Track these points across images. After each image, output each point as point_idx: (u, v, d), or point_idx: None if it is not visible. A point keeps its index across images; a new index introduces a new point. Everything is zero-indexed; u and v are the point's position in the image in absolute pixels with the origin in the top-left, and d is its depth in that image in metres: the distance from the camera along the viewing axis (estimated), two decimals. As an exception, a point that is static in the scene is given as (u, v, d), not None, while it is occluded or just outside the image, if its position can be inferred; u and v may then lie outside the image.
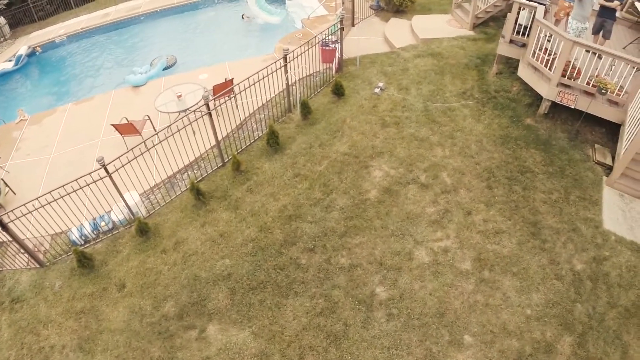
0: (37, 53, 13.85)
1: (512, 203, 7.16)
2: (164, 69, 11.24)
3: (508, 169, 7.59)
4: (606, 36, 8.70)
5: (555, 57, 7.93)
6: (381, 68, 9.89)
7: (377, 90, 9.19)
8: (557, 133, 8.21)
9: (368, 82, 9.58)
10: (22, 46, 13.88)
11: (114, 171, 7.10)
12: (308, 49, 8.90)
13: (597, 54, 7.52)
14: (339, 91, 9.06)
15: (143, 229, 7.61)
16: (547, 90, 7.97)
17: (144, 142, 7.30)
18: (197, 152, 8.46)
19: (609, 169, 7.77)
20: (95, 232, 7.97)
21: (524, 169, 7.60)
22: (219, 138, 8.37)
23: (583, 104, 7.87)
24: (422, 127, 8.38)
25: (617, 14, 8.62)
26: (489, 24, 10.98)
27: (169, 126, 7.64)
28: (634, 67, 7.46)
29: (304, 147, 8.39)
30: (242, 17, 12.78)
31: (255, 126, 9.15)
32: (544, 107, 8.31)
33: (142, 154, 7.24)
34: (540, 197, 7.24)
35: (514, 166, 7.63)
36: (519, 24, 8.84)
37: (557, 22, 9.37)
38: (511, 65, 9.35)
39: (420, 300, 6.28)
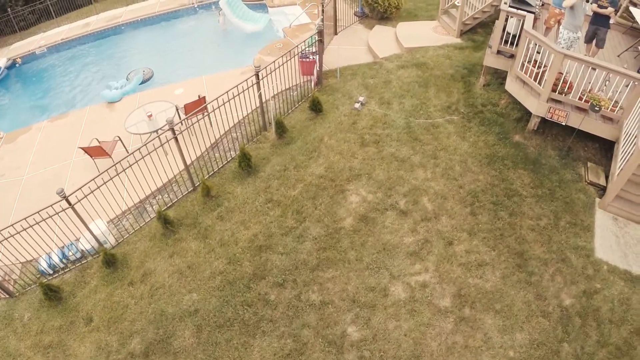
0: (17, 65, 13.43)
1: (497, 231, 6.63)
2: (140, 83, 10.77)
3: (494, 192, 7.05)
4: (599, 45, 8.08)
5: (545, 70, 7.35)
6: (363, 80, 9.34)
7: (357, 105, 8.65)
8: (548, 150, 7.63)
9: (348, 96, 9.03)
10: (1, 58, 13.48)
11: (77, 202, 6.68)
12: (284, 63, 8.36)
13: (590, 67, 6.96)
14: (316, 107, 8.54)
15: (109, 261, 7.20)
16: (537, 106, 7.38)
17: (114, 165, 6.87)
18: (169, 174, 8.01)
19: (602, 190, 7.20)
20: (63, 262, 7.58)
21: (511, 192, 7.05)
22: (189, 162, 7.92)
23: (575, 121, 7.29)
24: (403, 146, 7.84)
25: (611, 20, 7.99)
26: (477, 31, 10.34)
27: (140, 148, 7.19)
28: (629, 81, 6.91)
29: (278, 169, 7.90)
30: (219, 15, 12.23)
31: (229, 145, 8.66)
32: (533, 123, 7.73)
33: (110, 179, 6.79)
34: (527, 223, 6.69)
35: (501, 189, 7.08)
36: (507, 32, 8.25)
37: (547, 30, 8.75)
38: (500, 75, 8.75)
39: (394, 341, 5.79)
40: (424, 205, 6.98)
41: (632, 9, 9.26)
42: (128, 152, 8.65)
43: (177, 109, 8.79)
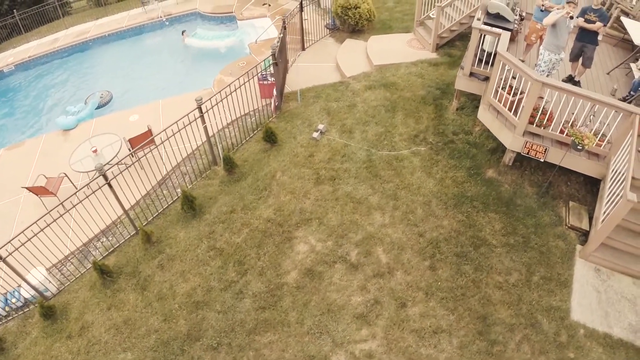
0: (-14, 85, 12.99)
1: (459, 290, 5.79)
2: (97, 108, 10.13)
3: (458, 241, 6.19)
4: (586, 64, 7.07)
5: (523, 98, 6.40)
6: (325, 104, 8.49)
7: (316, 134, 7.83)
8: (524, 188, 6.71)
9: (309, 122, 8.21)
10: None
11: (8, 255, 6.11)
12: (236, 89, 7.59)
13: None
14: (270, 138, 7.76)
15: (47, 313, 6.63)
16: (511, 140, 6.46)
17: (56, 207, 6.25)
18: (112, 216, 7.37)
19: (584, 235, 6.28)
20: (6, 310, 7.08)
21: (479, 241, 6.18)
22: (133, 201, 7.31)
23: (555, 157, 6.35)
24: (361, 184, 7.02)
25: (600, 37, 6.95)
26: (455, 44, 9.36)
27: (87, 184, 6.62)
28: (619, 113, 5.93)
29: (225, 211, 7.17)
30: (182, 35, 11.50)
31: (179, 181, 7.97)
32: (508, 158, 6.80)
33: (47, 225, 6.17)
34: (494, 280, 5.83)
35: (467, 238, 6.21)
36: (483, 49, 7.29)
37: (528, 47, 7.75)
38: (475, 97, 7.80)
39: None
40: (377, 257, 6.17)
41: (623, 19, 8.17)
42: (76, 189, 8.10)
43: (123, 143, 8.14)
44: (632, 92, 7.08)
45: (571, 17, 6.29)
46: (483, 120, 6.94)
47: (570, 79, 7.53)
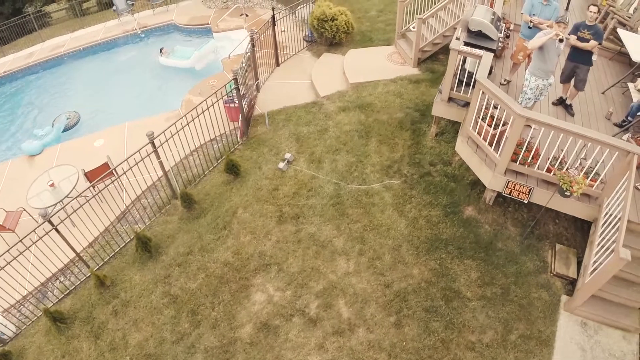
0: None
1: (426, 351, 5.16)
2: (64, 130, 9.65)
3: (429, 294, 5.54)
4: (579, 87, 6.30)
5: (505, 131, 5.68)
6: (295, 129, 7.85)
7: (282, 164, 7.20)
8: (507, 228, 6.02)
9: (276, 150, 7.59)
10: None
11: None
12: (195, 118, 6.97)
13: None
14: (232, 170, 7.16)
15: None
16: (491, 179, 5.75)
17: (15, 245, 5.75)
18: (69, 254, 6.90)
19: (571, 283, 5.59)
20: None
21: (452, 293, 5.53)
22: (90, 238, 6.83)
23: (541, 198, 5.65)
24: (326, 224, 6.39)
25: (594, 56, 6.15)
26: (438, 57, 8.59)
27: (47, 220, 6.05)
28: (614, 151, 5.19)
29: (182, 252, 6.62)
30: (161, 52, 10.94)
31: (139, 215, 7.45)
32: (488, 197, 6.11)
33: (1, 269, 5.77)
34: (466, 340, 5.18)
35: (438, 290, 5.56)
36: (464, 68, 6.55)
37: (515, 66, 6.99)
38: (456, 122, 7.08)
39: None
40: (339, 311, 5.56)
41: (619, 30, 7.31)
42: (37, 223, 7.66)
43: (81, 175, 7.64)
44: (629, 118, 6.31)
45: (561, 40, 5.51)
46: (461, 154, 6.24)
47: (561, 102, 6.76)
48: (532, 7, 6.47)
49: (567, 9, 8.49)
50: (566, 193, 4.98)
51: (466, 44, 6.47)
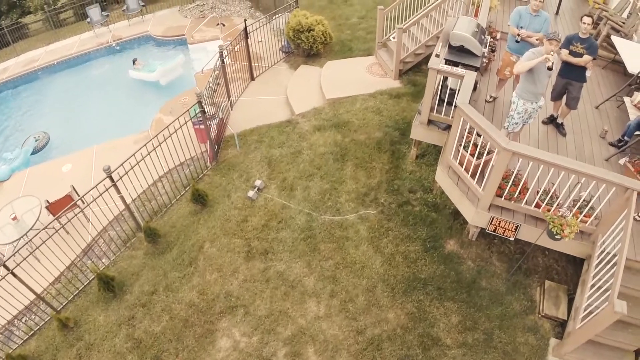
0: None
1: (401, 410, 4.63)
2: (33, 153, 9.07)
3: (405, 341, 4.95)
4: (571, 105, 5.65)
5: (490, 161, 5.04)
6: (267, 151, 7.23)
7: (252, 193, 6.61)
8: (491, 264, 5.42)
9: (246, 176, 6.98)
10: None
11: None
12: (148, 154, 6.34)
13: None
14: (199, 200, 6.59)
15: None
16: (474, 215, 5.10)
17: None
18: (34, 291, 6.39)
19: (560, 325, 5.00)
20: None
21: (430, 340, 4.93)
22: (44, 285, 6.28)
23: (530, 234, 5.01)
24: (296, 261, 5.81)
25: (588, 72, 5.49)
26: (421, 68, 7.91)
27: (12, 256, 5.56)
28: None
29: (146, 291, 6.06)
30: (134, 63, 10.28)
31: (104, 248, 6.91)
32: (471, 233, 5.49)
33: None
34: (446, 396, 4.64)
35: (415, 336, 4.97)
36: (446, 85, 5.90)
37: (501, 82, 6.32)
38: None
39: None
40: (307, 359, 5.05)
41: (614, 38, 6.62)
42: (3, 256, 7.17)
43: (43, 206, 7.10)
44: (625, 137, 5.65)
45: (549, 69, 4.80)
46: (441, 185, 5.59)
47: (551, 120, 6.10)
48: (520, 19, 5.79)
49: (557, 13, 7.79)
50: (556, 237, 4.37)
51: (447, 61, 5.83)
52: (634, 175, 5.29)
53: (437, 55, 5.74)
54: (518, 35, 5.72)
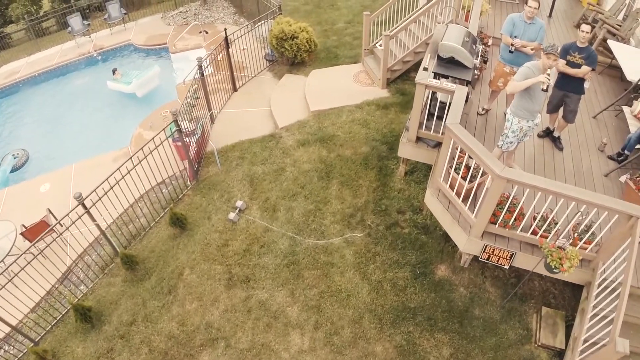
0: None
1: None
2: (12, 171, 8.63)
3: (393, 378, 4.62)
4: (568, 118, 5.23)
5: (484, 181, 4.64)
6: (250, 169, 6.80)
7: (232, 215, 6.20)
8: (485, 290, 5.02)
9: (227, 195, 6.56)
10: None
11: None
12: (122, 178, 5.87)
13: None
14: (178, 224, 6.19)
15: None
16: (466, 243, 4.68)
17: None
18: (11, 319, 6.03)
19: (558, 355, 4.62)
20: None
21: (420, 376, 4.60)
22: (22, 313, 5.88)
23: (526, 262, 4.60)
24: (279, 289, 5.41)
25: (587, 84, 5.06)
26: (410, 76, 7.46)
27: None
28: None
29: (125, 321, 5.65)
30: (114, 73, 9.78)
31: (82, 275, 6.50)
32: (463, 260, 5.09)
33: None
34: None
35: (404, 372, 4.64)
36: (435, 97, 5.46)
37: (494, 94, 5.88)
38: (428, 158, 6.04)
39: None
40: (290, 402, 4.67)
41: (611, 42, 6.19)
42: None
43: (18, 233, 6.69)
44: (626, 151, 5.23)
45: (544, 90, 4.35)
46: (431, 209, 5.15)
47: (548, 133, 5.68)
48: (514, 27, 5.32)
49: (550, 15, 7.34)
50: (554, 270, 3.98)
51: (436, 74, 5.40)
52: (636, 194, 4.89)
53: (425, 69, 5.30)
54: (512, 45, 5.26)
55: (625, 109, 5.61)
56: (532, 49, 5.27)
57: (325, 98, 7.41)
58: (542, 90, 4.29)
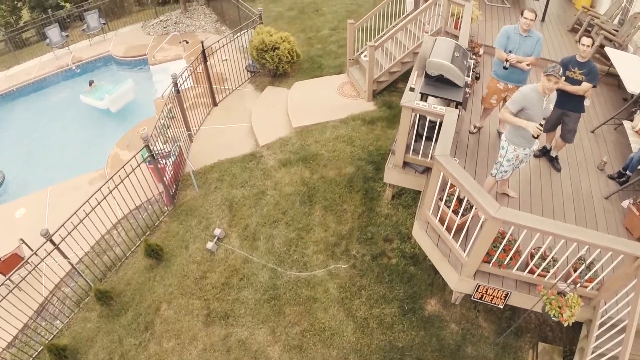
0: None
1: None
2: (-12, 194, 8.19)
3: None
4: (567, 138, 4.74)
5: (477, 216, 4.13)
6: (229, 192, 6.32)
7: (210, 245, 5.72)
8: (478, 325, 4.58)
9: (206, 222, 6.09)
10: None
11: None
12: (92, 211, 5.38)
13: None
14: (153, 255, 5.73)
15: None
16: (457, 282, 4.19)
17: None
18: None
19: (562, 399, 4.22)
20: None
21: None
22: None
23: (522, 301, 4.13)
24: (259, 327, 4.95)
25: (587, 102, 4.57)
26: (397, 87, 6.95)
27: None
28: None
29: (100, 361, 5.30)
30: (90, 85, 9.19)
31: (58, 308, 6.05)
32: (454, 298, 4.63)
33: None
34: None
35: (392, 422, 4.22)
36: (424, 116, 4.97)
37: (486, 111, 5.36)
38: (416, 179, 5.57)
39: None
40: None
41: (609, 50, 5.69)
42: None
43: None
44: (627, 172, 4.77)
45: (537, 133, 3.78)
46: (419, 242, 4.65)
47: (544, 152, 5.19)
48: (508, 40, 4.77)
49: (542, 20, 6.81)
50: (553, 318, 3.54)
51: (423, 95, 4.89)
52: (639, 219, 4.45)
53: (412, 89, 4.79)
54: (506, 61, 4.73)
55: (626, 124, 5.13)
56: (528, 65, 4.76)
57: (309, 113, 6.91)
58: (533, 137, 3.79)
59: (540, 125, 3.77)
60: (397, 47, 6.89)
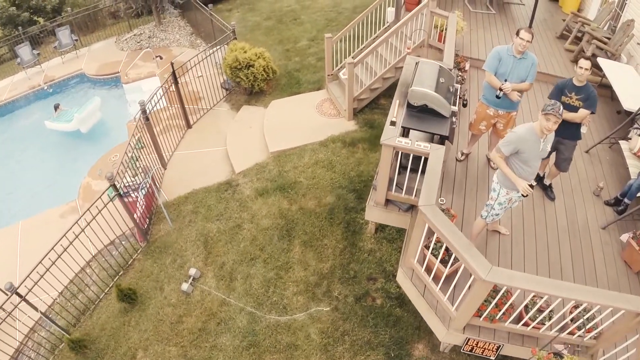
0: None
1: None
2: (-43, 228, 7.62)
3: None
4: (562, 167, 4.25)
5: (462, 266, 3.66)
6: (204, 226, 5.80)
7: (186, 286, 5.23)
8: (470, 373, 4.19)
9: (180, 260, 5.59)
10: None
11: None
12: (59, 258, 4.86)
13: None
14: (125, 299, 5.25)
15: None
16: (446, 335, 3.74)
17: None
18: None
19: None
20: None
21: None
22: None
23: (516, 352, 3.68)
24: (238, 380, 4.57)
25: (584, 129, 4.07)
26: (379, 104, 6.41)
27: None
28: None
29: (71, 420, 4.85)
30: (55, 110, 8.52)
31: (34, 354, 5.58)
32: (443, 347, 4.18)
33: None
34: None
35: None
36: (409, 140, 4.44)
37: (474, 137, 4.85)
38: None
39: None
40: None
41: (601, 61, 5.19)
42: None
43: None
44: (626, 200, 4.31)
45: (527, 194, 3.35)
46: (404, 289, 4.15)
47: (537, 181, 4.69)
48: (500, 63, 4.17)
49: (530, 26, 6.24)
50: (548, 383, 3.13)
51: (404, 128, 4.34)
52: (638, 254, 4.00)
53: (393, 122, 4.23)
54: (500, 90, 4.14)
55: (623, 144, 4.65)
56: (519, 94, 4.20)
57: (286, 135, 6.37)
58: (523, 196, 3.35)
59: (531, 185, 3.31)
60: (378, 62, 6.33)
